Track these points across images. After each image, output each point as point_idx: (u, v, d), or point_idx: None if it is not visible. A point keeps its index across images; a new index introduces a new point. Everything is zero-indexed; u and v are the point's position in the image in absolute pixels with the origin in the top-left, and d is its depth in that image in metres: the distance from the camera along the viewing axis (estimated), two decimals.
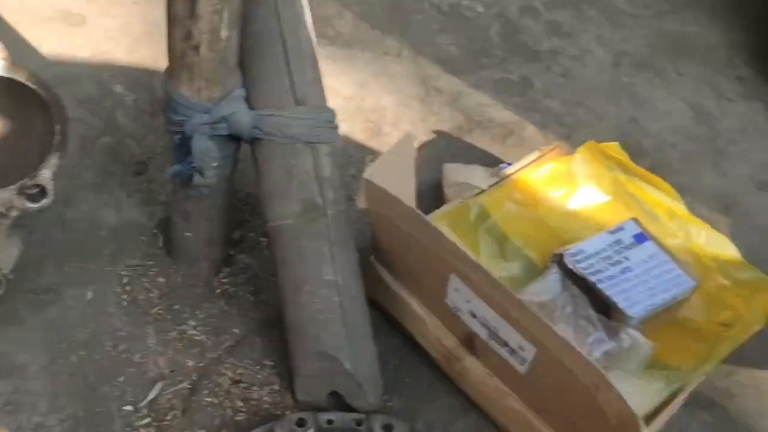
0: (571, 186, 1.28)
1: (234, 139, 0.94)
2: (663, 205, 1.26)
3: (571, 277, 1.06)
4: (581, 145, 1.34)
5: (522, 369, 0.92)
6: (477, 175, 1.31)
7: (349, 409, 0.99)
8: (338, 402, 0.99)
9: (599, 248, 1.09)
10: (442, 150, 1.44)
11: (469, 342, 1.00)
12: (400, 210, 0.93)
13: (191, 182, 0.92)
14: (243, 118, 0.90)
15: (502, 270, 1.12)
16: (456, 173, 1.32)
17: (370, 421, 0.95)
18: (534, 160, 1.31)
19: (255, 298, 1.10)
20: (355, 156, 1.35)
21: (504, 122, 1.54)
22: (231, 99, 0.90)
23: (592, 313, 1.01)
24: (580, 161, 1.31)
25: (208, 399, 0.98)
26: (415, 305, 1.06)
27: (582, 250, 1.08)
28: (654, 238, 1.12)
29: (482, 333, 0.95)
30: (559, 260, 1.07)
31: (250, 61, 0.93)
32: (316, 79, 0.95)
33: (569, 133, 1.57)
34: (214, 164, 0.90)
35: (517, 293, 0.92)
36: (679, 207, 1.26)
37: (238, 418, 0.97)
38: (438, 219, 1.18)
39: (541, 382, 0.92)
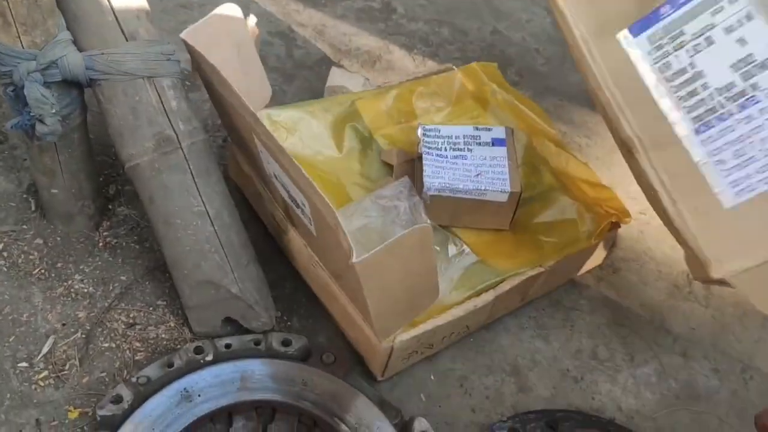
0: (449, 101, 1.32)
1: (73, 84, 0.93)
2: (535, 127, 1.29)
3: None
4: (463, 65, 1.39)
5: (313, 229, 0.94)
6: (358, 83, 1.35)
7: (247, 332, 1.01)
8: (237, 328, 1.02)
9: (455, 134, 1.13)
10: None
11: (288, 212, 1.02)
12: (209, 69, 0.91)
13: (35, 132, 0.91)
14: (73, 60, 0.89)
15: (360, 166, 1.16)
16: (339, 77, 1.36)
17: (269, 339, 0.98)
18: (416, 78, 1.34)
19: (139, 246, 1.10)
20: None
21: (370, 49, 1.57)
22: (56, 43, 0.89)
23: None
24: (459, 80, 1.35)
25: (105, 345, 0.99)
26: (257, 182, 1.09)
27: (438, 129, 1.14)
28: (510, 147, 1.13)
29: (285, 195, 0.97)
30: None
31: (69, 1, 0.91)
32: (142, 12, 0.94)
33: (435, 51, 1.61)
34: (53, 111, 0.89)
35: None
36: (550, 131, 1.30)
37: (137, 357, 0.98)
38: (308, 104, 1.22)
39: (325, 242, 0.93)
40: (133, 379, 0.91)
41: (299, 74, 1.46)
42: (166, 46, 0.95)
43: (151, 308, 1.04)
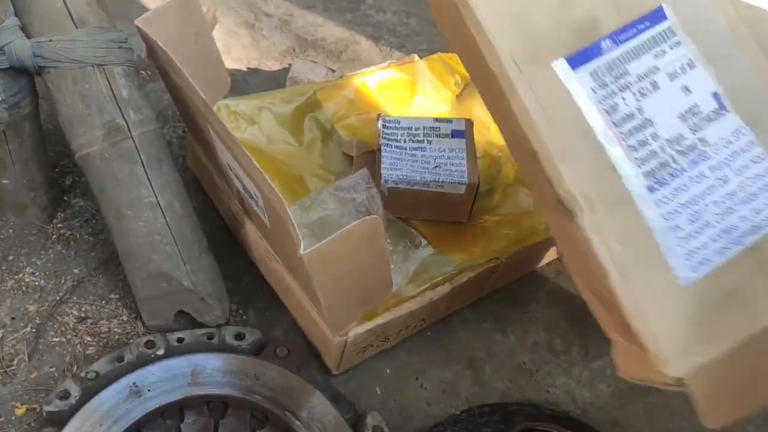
0: (411, 92, 1.31)
1: (22, 72, 0.92)
2: None
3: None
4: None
5: (267, 221, 0.93)
6: (320, 74, 1.34)
7: (200, 326, 1.01)
8: (190, 321, 1.01)
9: (414, 126, 1.13)
10: None
11: (243, 203, 1.01)
12: (163, 57, 0.90)
13: None
14: (21, 47, 0.88)
15: (320, 157, 1.16)
16: (301, 68, 1.36)
17: (222, 333, 0.97)
18: (379, 68, 1.34)
19: (94, 239, 1.09)
20: None
21: (337, 39, 1.56)
22: (3, 29, 0.87)
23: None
24: (423, 70, 1.34)
25: (56, 339, 0.98)
26: (213, 173, 1.08)
27: (398, 121, 1.13)
28: (469, 139, 1.11)
29: (239, 186, 0.95)
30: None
31: None
32: None
33: (402, 42, 1.60)
34: (0, 98, 0.88)
35: None
36: None
37: (88, 352, 0.98)
38: (268, 94, 1.21)
39: (278, 235, 0.92)
40: (82, 374, 0.90)
41: (263, 65, 1.45)
42: (117, 34, 0.94)
43: (103, 302, 1.03)
